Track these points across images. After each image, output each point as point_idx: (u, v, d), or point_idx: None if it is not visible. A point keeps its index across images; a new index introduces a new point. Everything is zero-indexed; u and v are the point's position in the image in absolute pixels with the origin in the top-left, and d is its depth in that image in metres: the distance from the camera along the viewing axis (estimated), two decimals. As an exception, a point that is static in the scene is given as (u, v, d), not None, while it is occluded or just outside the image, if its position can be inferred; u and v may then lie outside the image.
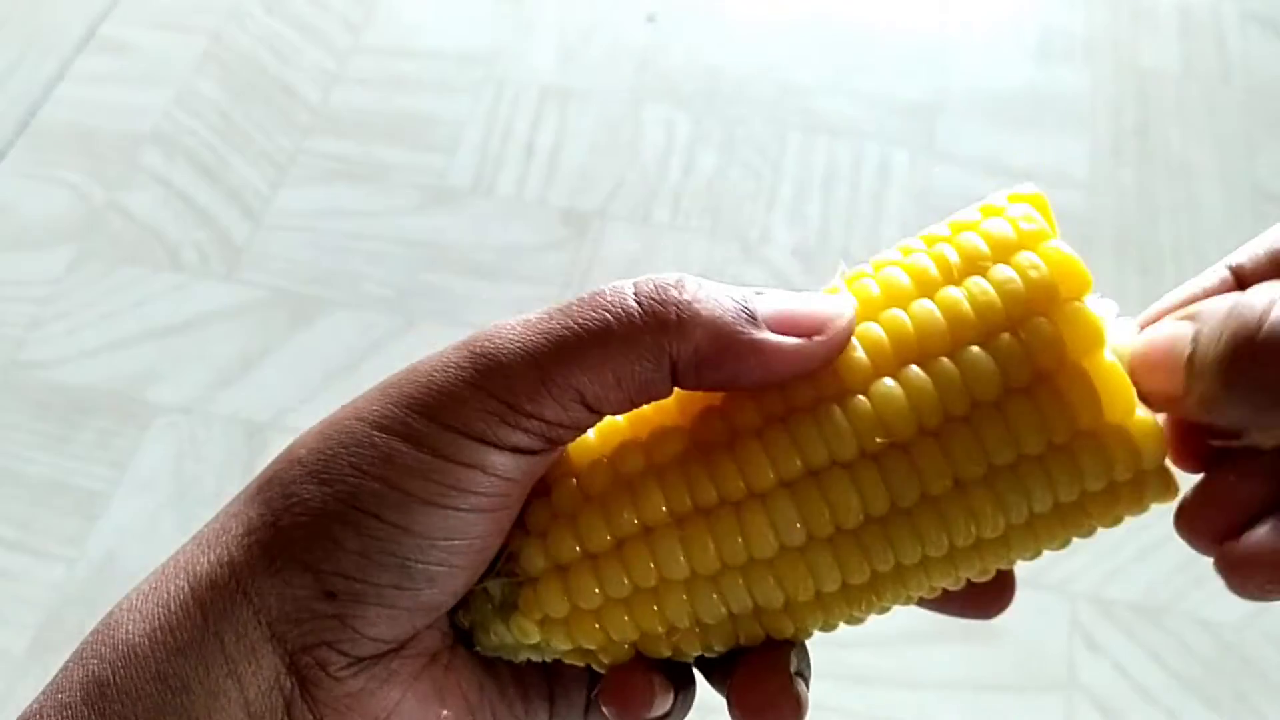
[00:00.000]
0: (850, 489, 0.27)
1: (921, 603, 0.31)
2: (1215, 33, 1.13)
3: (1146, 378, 0.28)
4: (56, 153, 1.04)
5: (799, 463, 0.28)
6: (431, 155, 1.04)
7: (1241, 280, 0.30)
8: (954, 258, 0.28)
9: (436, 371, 0.28)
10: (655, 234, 0.99)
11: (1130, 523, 0.28)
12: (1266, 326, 0.25)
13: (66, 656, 0.28)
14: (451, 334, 0.29)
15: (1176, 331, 0.27)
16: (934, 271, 0.29)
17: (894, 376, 0.28)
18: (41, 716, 0.27)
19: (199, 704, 0.26)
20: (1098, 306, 0.28)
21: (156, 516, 0.84)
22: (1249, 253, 0.29)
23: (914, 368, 0.28)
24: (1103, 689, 0.76)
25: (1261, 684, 0.77)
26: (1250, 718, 0.76)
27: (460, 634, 0.30)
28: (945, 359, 0.27)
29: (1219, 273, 0.30)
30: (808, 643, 0.30)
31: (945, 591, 0.30)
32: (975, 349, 0.27)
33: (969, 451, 0.27)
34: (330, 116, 1.07)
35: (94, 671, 0.27)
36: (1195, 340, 0.26)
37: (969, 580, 0.29)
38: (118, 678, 0.27)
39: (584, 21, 1.14)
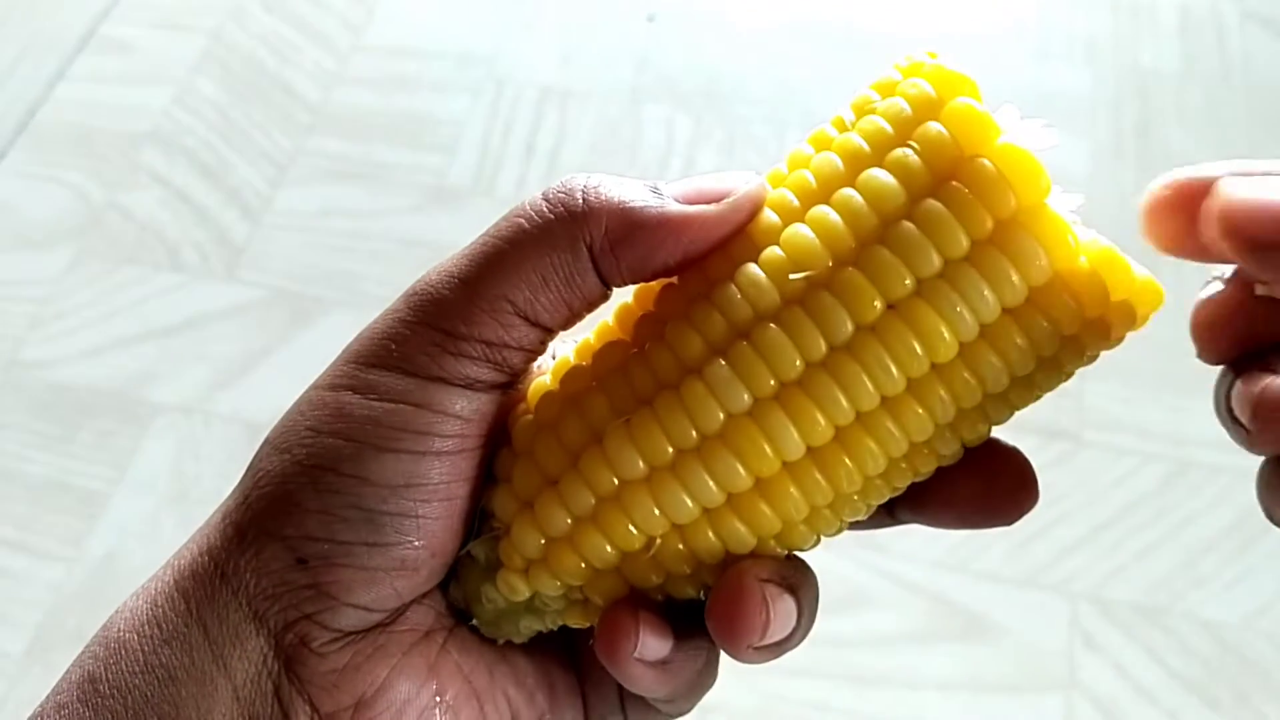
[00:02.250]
0: (779, 335, 0.26)
1: (939, 511, 0.30)
2: (1215, 33, 1.13)
3: (1244, 224, 0.25)
4: (56, 153, 1.04)
5: (724, 326, 0.27)
6: (431, 155, 1.04)
7: None
8: (849, 116, 0.28)
9: (378, 322, 0.28)
10: (655, 234, 0.99)
11: (1130, 522, 0.28)
12: None
13: (66, 656, 0.29)
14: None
15: None
16: (832, 132, 0.29)
17: (801, 220, 0.27)
18: (42, 718, 0.27)
19: (186, 693, 0.26)
20: (987, 107, 0.27)
21: (156, 516, 0.84)
22: None
23: (818, 206, 0.27)
24: (1103, 689, 0.76)
25: (1261, 684, 0.77)
26: (1250, 718, 0.75)
27: (461, 615, 0.30)
28: (845, 189, 0.27)
29: None
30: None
31: (957, 482, 0.29)
32: (869, 170, 0.27)
33: (889, 267, 0.26)
34: (330, 116, 1.07)
35: (88, 670, 0.27)
36: None
37: (961, 443, 0.28)
38: (109, 673, 0.27)
39: (584, 21, 1.14)
